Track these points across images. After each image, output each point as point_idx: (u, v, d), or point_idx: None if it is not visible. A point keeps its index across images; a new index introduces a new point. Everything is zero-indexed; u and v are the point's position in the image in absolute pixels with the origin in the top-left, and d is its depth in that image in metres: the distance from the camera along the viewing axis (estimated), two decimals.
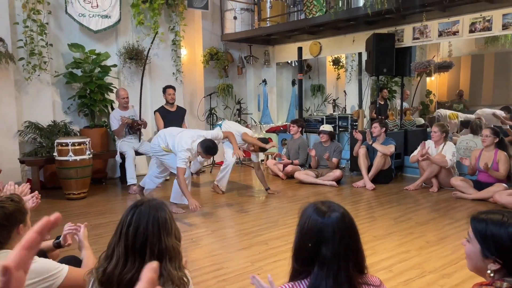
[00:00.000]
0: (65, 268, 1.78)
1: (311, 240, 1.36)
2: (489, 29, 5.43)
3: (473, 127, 6.08)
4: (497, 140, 5.01)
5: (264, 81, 8.38)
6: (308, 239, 1.36)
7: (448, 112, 7.62)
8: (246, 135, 5.35)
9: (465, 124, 7.10)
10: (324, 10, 6.36)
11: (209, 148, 4.22)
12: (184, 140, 4.25)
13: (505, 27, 5.27)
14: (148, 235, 1.43)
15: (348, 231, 1.37)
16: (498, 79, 7.94)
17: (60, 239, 2.33)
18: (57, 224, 0.65)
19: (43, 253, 2.24)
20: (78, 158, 5.17)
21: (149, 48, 6.12)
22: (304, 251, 1.38)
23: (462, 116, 7.63)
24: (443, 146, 5.52)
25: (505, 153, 4.96)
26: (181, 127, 6.60)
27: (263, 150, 5.57)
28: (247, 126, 8.23)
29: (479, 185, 5.00)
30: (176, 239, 1.52)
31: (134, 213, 1.47)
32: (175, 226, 1.54)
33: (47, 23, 5.76)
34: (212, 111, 7.52)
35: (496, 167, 4.93)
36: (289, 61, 8.91)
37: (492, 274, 1.35)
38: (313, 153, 6.18)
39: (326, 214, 1.37)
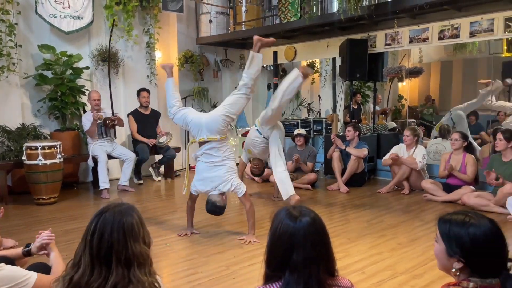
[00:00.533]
0: (33, 276, 1.73)
1: (283, 245, 1.37)
2: (457, 36, 5.60)
3: (442, 131, 6.28)
4: (465, 144, 5.19)
5: None
6: (280, 244, 1.37)
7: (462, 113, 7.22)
8: None
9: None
10: (299, 15, 6.44)
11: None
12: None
13: (472, 34, 5.46)
14: (113, 243, 1.39)
15: (319, 236, 1.39)
16: (466, 84, 8.21)
17: (31, 246, 2.26)
18: None
19: (11, 261, 2.17)
20: (48, 162, 5.04)
21: (109, 41, 6.02)
22: (276, 256, 1.39)
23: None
24: (415, 149, 5.67)
25: (473, 156, 5.13)
26: (155, 130, 6.56)
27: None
28: None
29: (448, 188, 5.15)
30: (145, 244, 1.48)
31: (98, 220, 1.43)
32: (143, 231, 1.50)
33: (16, 24, 5.61)
34: None
35: (464, 169, 5.09)
36: (264, 65, 8.94)
37: (458, 273, 1.40)
38: (296, 157, 6.15)
39: (297, 219, 1.38)
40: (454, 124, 6.92)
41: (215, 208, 3.72)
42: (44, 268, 2.03)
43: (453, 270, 1.41)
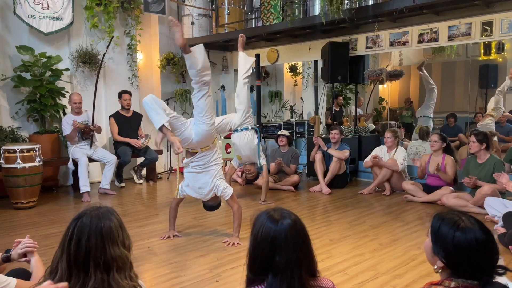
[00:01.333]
0: (12, 282, 1.70)
1: (265, 248, 1.37)
2: (436, 40, 5.72)
3: (421, 133, 6.40)
4: (444, 145, 5.29)
5: (223, 87, 8.37)
6: (263, 247, 1.38)
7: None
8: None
9: None
10: (281, 18, 6.47)
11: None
12: None
13: (450, 38, 5.58)
14: (91, 248, 1.37)
15: (301, 238, 1.40)
16: (445, 87, 8.37)
17: (11, 252, 2.21)
18: None
19: None
20: (27, 165, 4.94)
21: (104, 53, 5.94)
22: (258, 260, 1.39)
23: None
24: (395, 151, 5.76)
25: (452, 157, 5.24)
26: (137, 133, 6.49)
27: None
28: None
29: (428, 189, 5.24)
30: (125, 247, 1.46)
31: (75, 225, 1.41)
32: (123, 234, 1.48)
33: None
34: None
35: (444, 171, 5.19)
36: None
37: (439, 271, 1.43)
38: (278, 161, 6.17)
39: (279, 222, 1.39)
40: None
41: (213, 208, 3.95)
42: (24, 274, 1.99)
43: (435, 267, 1.44)
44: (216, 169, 3.71)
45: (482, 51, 7.40)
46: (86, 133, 5.71)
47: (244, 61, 5.09)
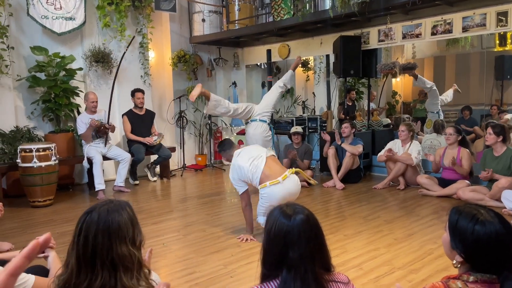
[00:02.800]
0: (31, 278, 1.73)
1: (279, 244, 1.37)
2: (450, 31, 5.63)
3: (436, 126, 6.31)
4: (460, 138, 5.21)
5: (234, 83, 8.38)
6: (276, 243, 1.38)
7: None
8: None
9: None
10: (292, 12, 6.43)
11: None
12: None
13: (464, 29, 5.48)
14: (97, 246, 1.34)
15: (314, 233, 1.39)
16: (459, 79, 8.23)
17: None
18: (46, 245, 0.61)
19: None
20: (43, 164, 5.02)
21: (124, 52, 5.96)
22: (272, 255, 1.39)
23: None
24: (410, 145, 5.69)
25: (468, 150, 5.16)
26: (150, 130, 6.54)
27: None
28: (217, 129, 8.22)
29: (443, 182, 5.18)
30: (135, 246, 1.41)
31: (84, 220, 1.38)
32: (134, 231, 1.43)
33: (7, 26, 5.57)
34: (182, 114, 7.46)
35: (459, 164, 5.12)
36: (258, 64, 8.94)
37: (458, 266, 1.41)
38: (293, 153, 6.15)
39: (291, 217, 1.39)
40: None
41: None
42: (42, 271, 2.02)
43: (454, 262, 1.42)
44: None
45: (498, 42, 7.24)
46: (101, 131, 5.77)
47: (290, 77, 5.82)
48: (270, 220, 1.43)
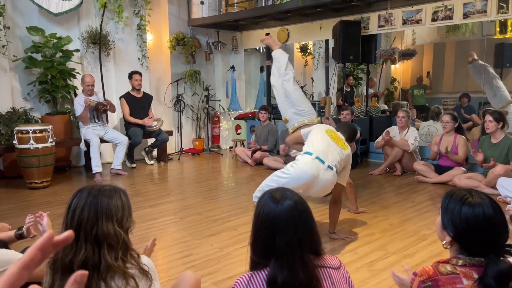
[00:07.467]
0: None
1: (266, 229, 1.35)
2: (450, 18, 5.58)
3: (433, 114, 6.31)
4: (456, 125, 5.22)
5: (232, 67, 8.32)
6: (264, 228, 1.36)
7: None
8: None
9: None
10: None
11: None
12: None
13: (465, 16, 5.44)
14: (83, 219, 1.38)
15: (302, 219, 1.36)
16: (459, 67, 8.21)
17: (23, 230, 2.26)
18: (67, 242, 0.59)
19: (4, 244, 2.18)
20: (40, 146, 5.01)
21: (101, 24, 5.92)
22: (260, 240, 1.38)
23: None
24: (407, 131, 5.71)
25: (464, 137, 5.18)
26: (147, 113, 6.52)
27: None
28: (215, 113, 8.20)
29: (440, 169, 5.20)
30: (122, 227, 1.44)
31: (75, 196, 1.45)
32: (123, 215, 1.46)
33: (3, 5, 5.49)
34: (180, 98, 7.42)
35: (455, 150, 5.14)
36: (257, 48, 8.87)
37: (447, 246, 1.43)
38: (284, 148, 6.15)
39: (279, 202, 1.36)
40: None
41: None
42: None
43: (444, 242, 1.44)
44: None
45: (498, 29, 7.21)
46: (99, 110, 5.74)
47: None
48: (260, 204, 1.41)
